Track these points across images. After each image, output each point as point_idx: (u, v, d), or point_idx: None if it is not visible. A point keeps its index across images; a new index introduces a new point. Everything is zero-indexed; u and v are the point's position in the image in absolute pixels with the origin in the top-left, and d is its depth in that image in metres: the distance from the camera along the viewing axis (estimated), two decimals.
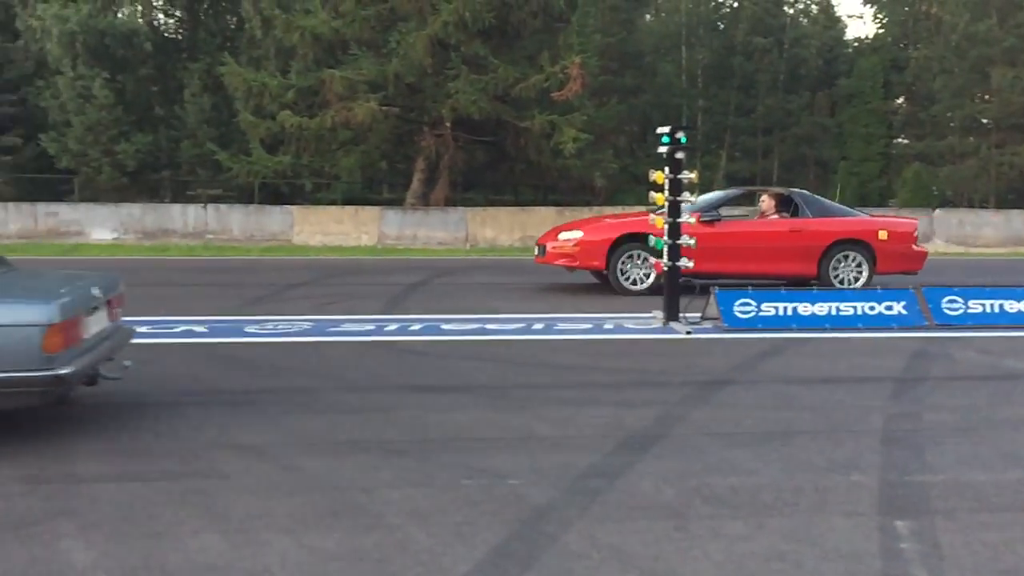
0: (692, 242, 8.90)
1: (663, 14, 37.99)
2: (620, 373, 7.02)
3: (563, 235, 11.74)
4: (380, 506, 4.03)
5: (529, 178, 26.12)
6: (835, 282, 11.29)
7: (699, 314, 8.99)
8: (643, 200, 11.12)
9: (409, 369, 7.10)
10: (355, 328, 8.81)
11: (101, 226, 21.96)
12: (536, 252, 12.04)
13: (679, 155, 8.86)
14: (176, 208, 23.05)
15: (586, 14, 24.67)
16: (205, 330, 8.56)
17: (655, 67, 34.13)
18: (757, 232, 11.57)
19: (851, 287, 11.06)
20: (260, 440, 5.01)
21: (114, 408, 5.69)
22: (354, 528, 3.78)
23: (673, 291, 8.92)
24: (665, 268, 8.96)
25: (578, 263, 11.53)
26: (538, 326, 8.99)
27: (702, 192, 12.10)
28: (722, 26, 35.95)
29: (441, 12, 20.64)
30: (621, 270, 11.26)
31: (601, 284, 11.67)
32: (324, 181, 25.87)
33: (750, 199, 15.01)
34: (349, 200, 24.66)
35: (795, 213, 11.68)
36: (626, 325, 9.06)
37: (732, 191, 13.23)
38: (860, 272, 11.34)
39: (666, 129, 8.94)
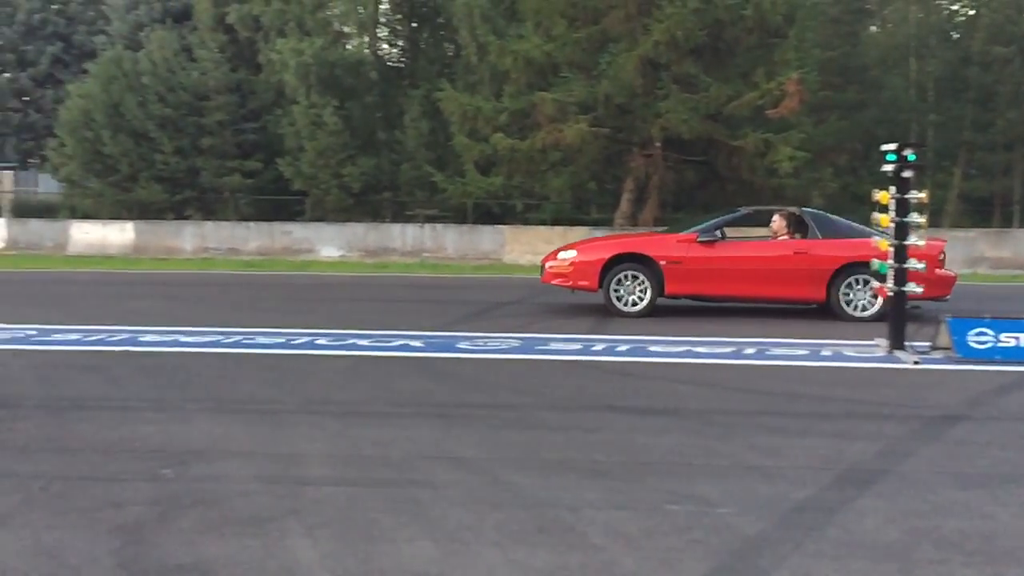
0: (921, 267, 8.36)
1: (889, 25, 35.97)
2: (839, 403, 6.67)
3: (561, 255, 11.58)
4: (585, 526, 4.02)
5: (741, 198, 25.37)
6: (847, 308, 10.68)
7: (928, 343, 8.41)
8: (865, 221, 10.44)
9: (615, 390, 7.08)
10: (562, 347, 8.89)
11: (329, 244, 23.49)
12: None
13: (906, 174, 8.34)
14: (396, 228, 24.28)
15: (805, 28, 23.78)
16: (421, 345, 8.92)
17: (881, 81, 32.33)
18: (759, 255, 11.09)
19: (863, 313, 10.56)
20: (470, 453, 5.15)
21: (336, 417, 6.04)
22: (560, 546, 3.79)
23: (899, 318, 8.38)
24: (890, 293, 8.44)
25: (571, 283, 11.33)
26: (749, 351, 8.71)
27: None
28: (956, 36, 33.58)
29: (652, 32, 20.55)
30: (615, 291, 11.03)
31: (819, 309, 11.15)
32: (534, 202, 26.35)
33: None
34: (558, 220, 24.97)
35: (806, 234, 10.99)
36: (845, 353, 8.60)
37: (740, 211, 11.98)
38: (876, 298, 10.31)
39: (892, 147, 8.44)
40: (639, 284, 10.98)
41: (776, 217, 11.43)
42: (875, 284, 9.59)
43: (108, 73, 28.54)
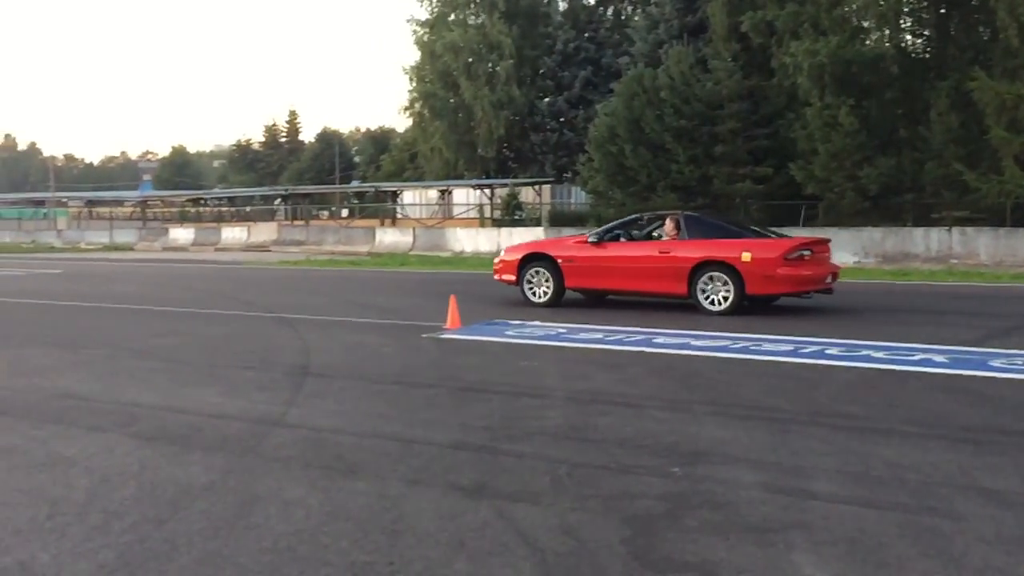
0: None
1: None
2: None
3: (500, 255, 13.98)
4: None
5: None
6: (704, 302, 11.71)
7: None
8: None
9: None
10: None
11: (843, 250, 22.59)
12: None
13: None
14: (918, 232, 22.52)
15: None
16: (944, 360, 8.13)
17: None
18: (632, 254, 12.44)
19: (718, 308, 11.57)
20: (1003, 485, 4.55)
21: (844, 431, 5.75)
22: None
23: None
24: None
25: (500, 278, 13.57)
26: None
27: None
28: None
29: None
30: (528, 285, 13.11)
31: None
32: None
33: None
34: None
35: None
36: None
37: (637, 217, 13.90)
38: (728, 293, 11.55)
39: None
40: (545, 279, 12.96)
41: (667, 220, 12.60)
42: (724, 279, 11.53)
43: (630, 91, 30.69)
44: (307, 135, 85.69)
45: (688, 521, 4.12)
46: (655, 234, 12.89)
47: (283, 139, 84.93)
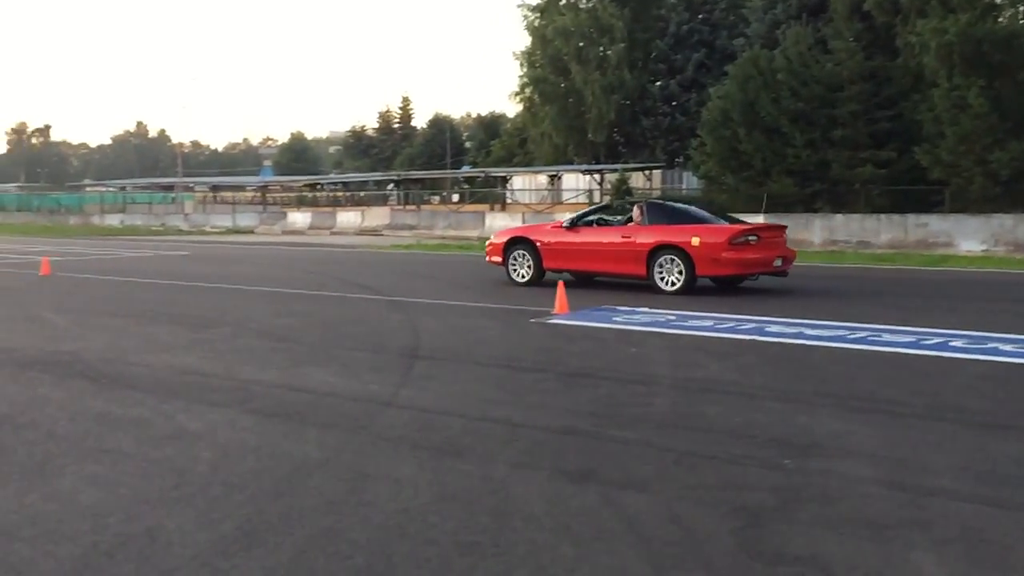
0: None
1: None
2: None
3: (491, 239, 15.17)
4: None
5: None
6: (660, 283, 12.62)
7: None
8: None
9: None
10: None
11: (970, 237, 21.57)
12: None
13: None
14: None
15: None
16: None
17: None
18: (600, 239, 13.36)
19: (672, 288, 12.49)
20: None
21: (968, 427, 5.50)
22: None
23: None
24: None
25: (490, 260, 14.81)
26: None
27: None
28: None
29: None
30: (512, 266, 14.28)
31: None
32: None
33: None
34: None
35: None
36: None
37: (611, 204, 16.41)
38: (680, 275, 12.47)
39: None
40: (526, 261, 14.17)
41: (635, 208, 13.53)
42: (677, 261, 12.51)
43: (745, 73, 29.99)
44: (419, 121, 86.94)
45: (799, 514, 4.02)
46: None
47: (396, 125, 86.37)
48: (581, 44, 47.36)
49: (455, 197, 54.18)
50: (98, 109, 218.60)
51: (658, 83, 46.80)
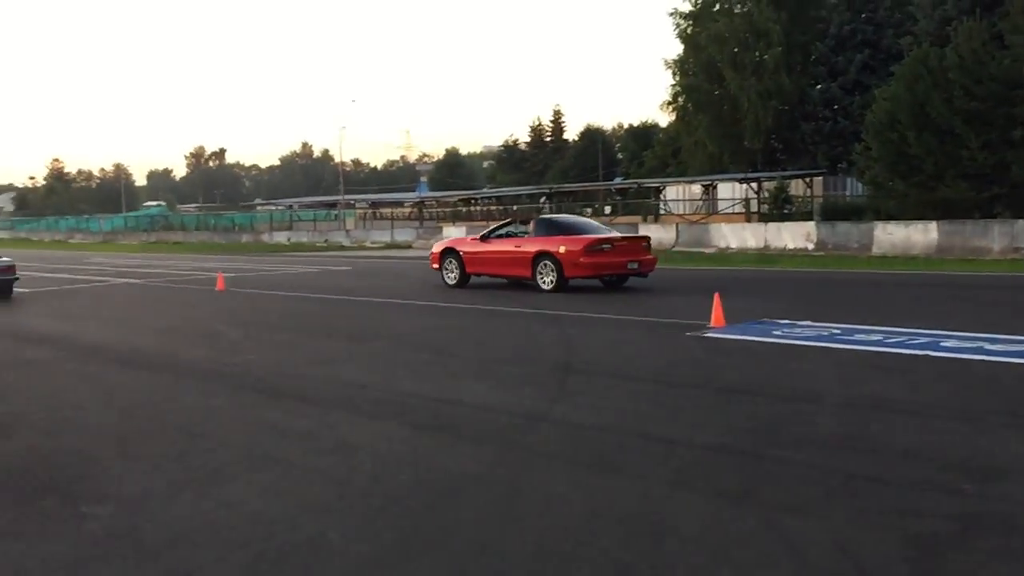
0: None
1: None
2: None
3: (431, 249, 18.49)
4: None
5: None
6: (540, 283, 15.52)
7: None
8: None
9: None
10: None
11: None
12: None
13: None
14: None
15: None
16: None
17: None
18: (500, 249, 16.50)
19: (547, 287, 15.33)
20: None
21: None
22: None
23: None
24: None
25: (432, 266, 17.70)
26: None
27: None
28: None
29: None
30: (446, 271, 17.23)
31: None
32: None
33: None
34: None
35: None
36: None
37: (515, 219, 20.27)
38: (553, 276, 15.31)
39: None
40: (454, 267, 16.95)
41: (532, 222, 16.70)
42: (550, 265, 15.40)
43: (914, 72, 28.49)
44: (571, 133, 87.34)
45: (980, 544, 3.73)
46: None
47: (548, 138, 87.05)
48: (736, 49, 46.26)
49: (607, 209, 54.00)
50: (267, 132, 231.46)
51: (818, 86, 45.09)
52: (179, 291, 18.77)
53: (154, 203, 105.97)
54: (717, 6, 48.62)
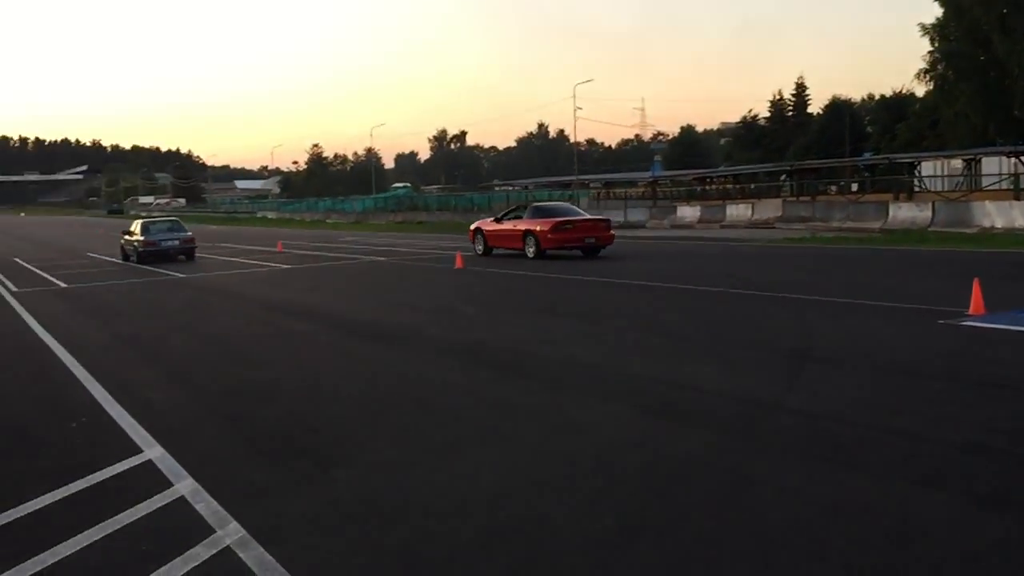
0: None
1: None
2: None
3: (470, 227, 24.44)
4: None
5: None
6: (527, 253, 20.71)
7: None
8: None
9: None
10: None
11: None
12: None
13: None
14: None
15: None
16: None
17: None
18: (508, 227, 21.77)
19: (532, 256, 20.46)
20: None
21: None
22: None
23: None
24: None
25: (470, 240, 23.53)
26: None
27: None
28: None
29: None
30: (475, 244, 23.03)
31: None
32: None
33: None
34: None
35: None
36: None
37: (517, 205, 26.67)
38: (534, 248, 20.51)
39: None
40: (480, 241, 22.78)
41: (527, 208, 22.37)
42: (533, 240, 20.75)
43: None
44: (815, 107, 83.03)
45: None
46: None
47: (789, 113, 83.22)
48: (1005, 11, 42.12)
49: (854, 186, 50.99)
50: (505, 114, 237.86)
51: None
52: (420, 270, 19.79)
53: (401, 184, 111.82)
54: None
